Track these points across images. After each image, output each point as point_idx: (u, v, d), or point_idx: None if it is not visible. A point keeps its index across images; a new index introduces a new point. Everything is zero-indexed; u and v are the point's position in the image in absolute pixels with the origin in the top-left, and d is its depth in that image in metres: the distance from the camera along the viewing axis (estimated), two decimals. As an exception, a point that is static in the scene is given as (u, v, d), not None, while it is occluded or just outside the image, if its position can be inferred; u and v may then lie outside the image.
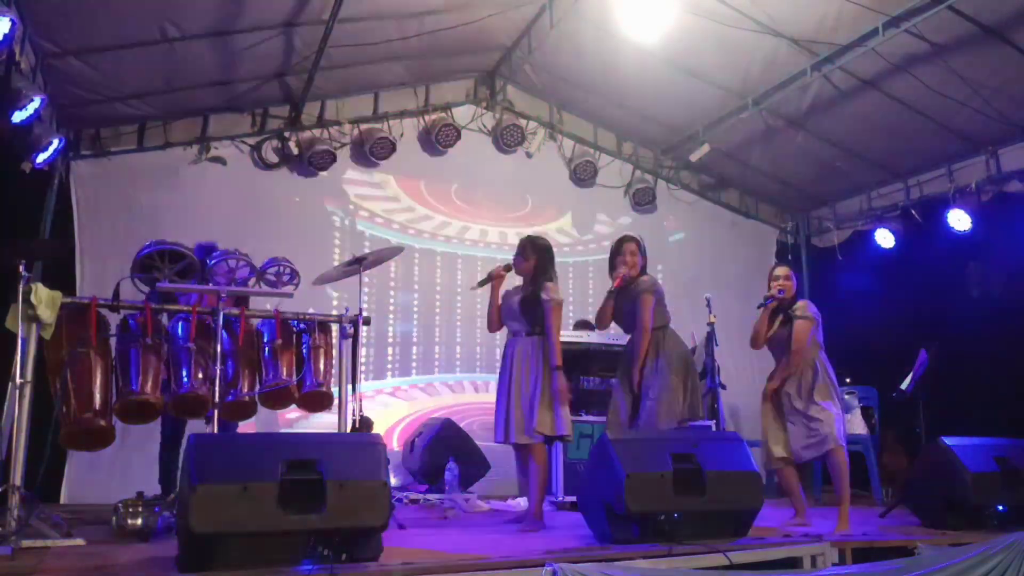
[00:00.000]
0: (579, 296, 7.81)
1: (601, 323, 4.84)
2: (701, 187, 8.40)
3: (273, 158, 6.76)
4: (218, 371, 4.08)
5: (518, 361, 4.43)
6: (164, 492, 4.44)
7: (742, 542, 3.64)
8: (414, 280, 7.25)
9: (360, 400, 4.65)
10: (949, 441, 4.46)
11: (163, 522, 3.89)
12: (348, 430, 4.54)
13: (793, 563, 3.62)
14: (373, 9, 5.60)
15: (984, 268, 7.21)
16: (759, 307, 4.70)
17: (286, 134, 6.76)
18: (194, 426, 4.39)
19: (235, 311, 4.46)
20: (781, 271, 4.78)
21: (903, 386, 5.95)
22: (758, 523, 3.88)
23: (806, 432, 4.47)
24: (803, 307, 4.64)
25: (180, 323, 4.32)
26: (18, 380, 3.64)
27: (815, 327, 4.61)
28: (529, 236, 4.73)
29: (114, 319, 4.24)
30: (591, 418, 5.68)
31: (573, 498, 5.32)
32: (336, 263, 6.27)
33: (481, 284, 4.69)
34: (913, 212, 7.28)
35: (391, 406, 7.00)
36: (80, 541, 3.55)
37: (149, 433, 5.05)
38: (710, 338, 6.24)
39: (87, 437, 4.05)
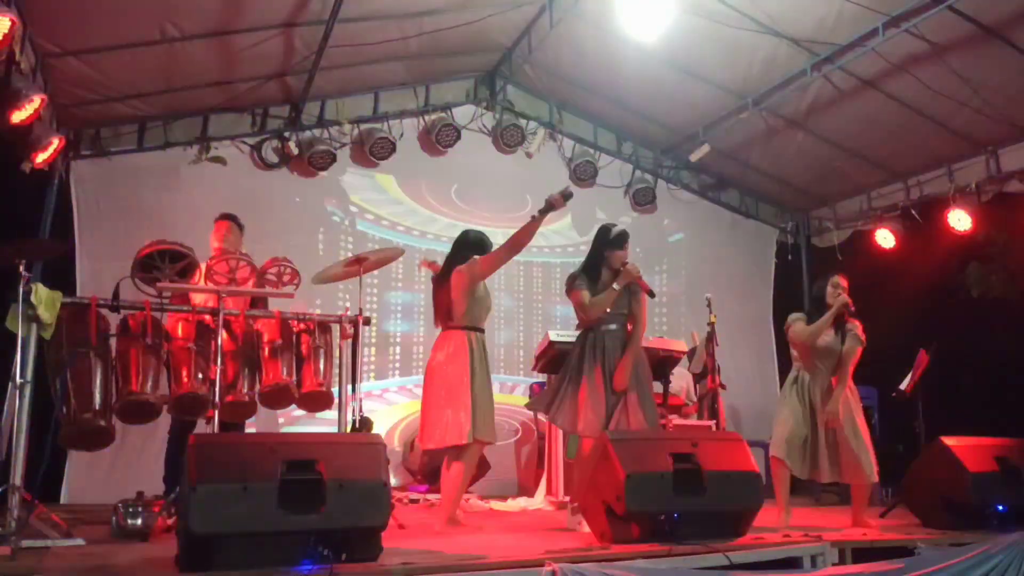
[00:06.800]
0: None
1: None
2: (701, 187, 8.39)
3: (273, 158, 6.76)
4: (218, 371, 4.08)
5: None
6: (169, 489, 4.38)
7: (742, 542, 3.64)
8: (416, 280, 7.23)
9: (360, 400, 4.66)
10: (949, 441, 4.46)
11: (163, 522, 3.89)
12: (348, 430, 4.54)
13: (793, 563, 3.62)
14: (373, 9, 5.60)
15: (984, 268, 7.21)
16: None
17: (286, 134, 6.76)
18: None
19: (235, 311, 4.46)
20: (845, 280, 4.68)
21: (902, 386, 5.95)
22: (758, 523, 3.88)
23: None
24: (859, 328, 4.62)
25: (180, 323, 4.31)
26: (18, 380, 3.64)
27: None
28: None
29: (114, 319, 4.24)
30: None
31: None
32: (336, 263, 6.26)
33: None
34: (913, 212, 7.27)
35: (391, 406, 7.00)
36: (80, 541, 3.54)
37: (149, 433, 5.05)
38: (710, 338, 6.24)
39: (87, 437, 4.05)
